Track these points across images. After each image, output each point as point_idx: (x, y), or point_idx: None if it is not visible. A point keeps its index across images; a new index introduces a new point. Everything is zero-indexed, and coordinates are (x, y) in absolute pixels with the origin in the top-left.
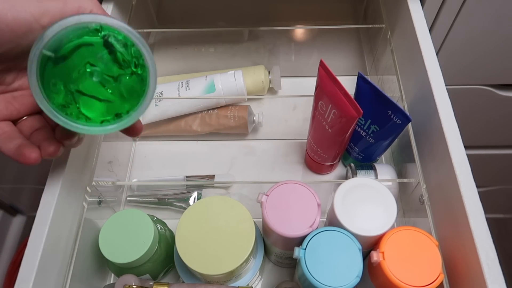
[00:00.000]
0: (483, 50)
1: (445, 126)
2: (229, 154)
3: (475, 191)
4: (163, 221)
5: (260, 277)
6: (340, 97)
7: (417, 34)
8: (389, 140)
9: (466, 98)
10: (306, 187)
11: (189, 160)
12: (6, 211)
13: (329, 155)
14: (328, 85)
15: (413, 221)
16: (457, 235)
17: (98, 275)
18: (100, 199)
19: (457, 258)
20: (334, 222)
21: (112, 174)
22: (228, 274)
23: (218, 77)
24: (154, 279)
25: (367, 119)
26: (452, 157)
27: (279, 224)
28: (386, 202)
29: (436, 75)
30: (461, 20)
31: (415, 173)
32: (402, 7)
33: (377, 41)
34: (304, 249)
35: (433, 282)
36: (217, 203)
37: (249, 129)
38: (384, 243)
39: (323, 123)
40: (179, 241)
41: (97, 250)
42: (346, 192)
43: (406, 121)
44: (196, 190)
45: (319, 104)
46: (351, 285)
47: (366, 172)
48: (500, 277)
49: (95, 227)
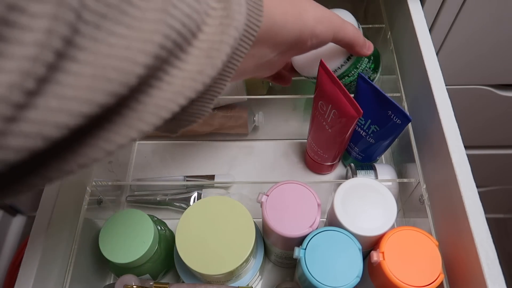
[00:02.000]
0: (483, 50)
1: (445, 126)
2: (229, 154)
3: (475, 191)
4: (163, 221)
5: (260, 277)
6: (340, 97)
7: (417, 34)
8: (389, 140)
9: (466, 98)
10: (306, 187)
11: (189, 160)
12: (6, 211)
13: (329, 155)
14: (328, 85)
15: (413, 221)
16: (457, 235)
17: (98, 275)
18: (100, 199)
19: (457, 258)
20: (334, 222)
21: (112, 174)
22: (228, 274)
23: None
24: (154, 279)
25: (367, 119)
26: (452, 157)
27: (279, 224)
28: (386, 202)
29: (436, 75)
30: (461, 20)
31: (415, 173)
32: (402, 7)
33: (377, 41)
34: (304, 249)
35: (433, 282)
36: (217, 203)
37: (249, 129)
38: (384, 243)
39: (323, 123)
40: (179, 241)
41: (97, 250)
42: (346, 192)
43: (406, 121)
44: (196, 190)
45: (319, 104)
46: (351, 285)
47: (366, 172)
48: (500, 277)
49: (95, 227)
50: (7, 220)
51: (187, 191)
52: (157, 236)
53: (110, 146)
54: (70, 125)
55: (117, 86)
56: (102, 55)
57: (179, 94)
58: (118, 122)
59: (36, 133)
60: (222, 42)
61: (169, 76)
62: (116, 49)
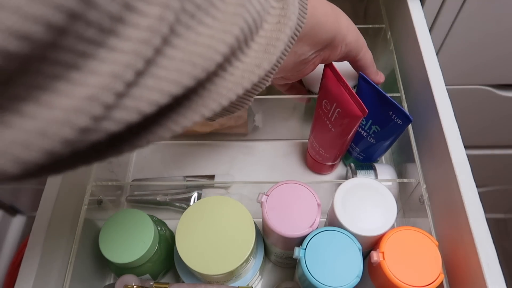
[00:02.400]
0: (483, 50)
1: (445, 126)
2: (229, 154)
3: (475, 191)
4: (163, 221)
5: (260, 277)
6: (345, 96)
7: (417, 34)
8: (390, 141)
9: (466, 98)
10: (306, 187)
11: (189, 160)
12: (6, 211)
13: (330, 155)
14: (333, 84)
15: (413, 221)
16: (457, 235)
17: (98, 275)
18: (100, 199)
19: (457, 258)
20: (334, 222)
21: (112, 174)
22: (228, 274)
23: None
24: (154, 279)
25: (368, 119)
26: (452, 157)
27: (279, 224)
28: (386, 202)
29: (436, 75)
30: (461, 20)
31: (415, 173)
32: (402, 7)
33: (377, 41)
34: (304, 249)
35: (433, 282)
36: (217, 203)
37: (249, 129)
38: (384, 243)
39: (327, 122)
40: (179, 241)
41: (97, 250)
42: (346, 192)
43: (407, 121)
44: (196, 190)
45: (323, 103)
46: (351, 285)
47: (366, 172)
48: (500, 277)
49: (95, 227)
50: (7, 220)
51: (187, 191)
52: (157, 236)
53: (176, 127)
54: (159, 103)
55: (200, 71)
56: (191, 42)
57: (238, 85)
58: (186, 105)
59: (134, 108)
60: (279, 39)
61: (232, 67)
62: (203, 38)
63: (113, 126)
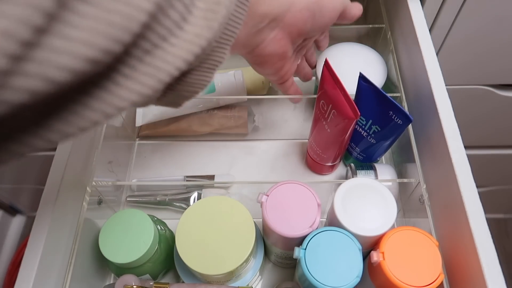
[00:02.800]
0: (483, 50)
1: (445, 126)
2: (229, 154)
3: (475, 191)
4: (163, 221)
5: (260, 277)
6: (340, 97)
7: (417, 34)
8: (390, 141)
9: (466, 98)
10: (306, 187)
11: (189, 160)
12: (6, 211)
13: (328, 156)
14: (330, 85)
15: (413, 221)
16: (457, 235)
17: (98, 275)
18: (100, 199)
19: (457, 258)
20: (334, 222)
21: (112, 174)
22: (228, 274)
23: (218, 77)
24: (154, 279)
25: (368, 119)
26: (452, 157)
27: (279, 224)
28: (386, 202)
29: (436, 75)
30: (461, 20)
31: (415, 173)
32: (402, 7)
33: (377, 41)
34: (304, 249)
35: (433, 282)
36: (217, 203)
37: (249, 129)
38: (384, 243)
39: (323, 123)
40: (179, 241)
41: (97, 250)
42: (346, 192)
43: (407, 121)
44: (196, 190)
45: (321, 104)
46: (351, 285)
47: (366, 172)
48: (500, 277)
49: (95, 227)
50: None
51: (187, 191)
52: (157, 236)
53: (109, 109)
54: (74, 69)
55: (120, 31)
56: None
57: (178, 57)
58: (119, 82)
59: (40, 74)
60: (219, 3)
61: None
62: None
63: (15, 96)
